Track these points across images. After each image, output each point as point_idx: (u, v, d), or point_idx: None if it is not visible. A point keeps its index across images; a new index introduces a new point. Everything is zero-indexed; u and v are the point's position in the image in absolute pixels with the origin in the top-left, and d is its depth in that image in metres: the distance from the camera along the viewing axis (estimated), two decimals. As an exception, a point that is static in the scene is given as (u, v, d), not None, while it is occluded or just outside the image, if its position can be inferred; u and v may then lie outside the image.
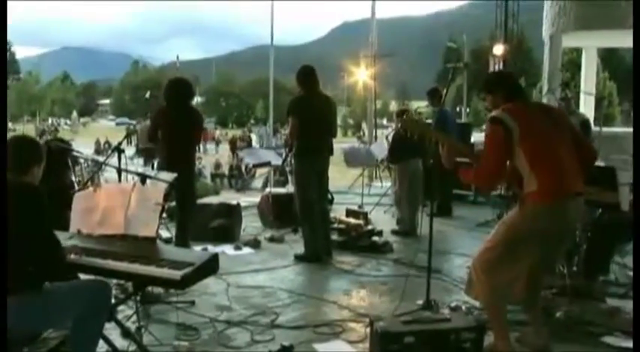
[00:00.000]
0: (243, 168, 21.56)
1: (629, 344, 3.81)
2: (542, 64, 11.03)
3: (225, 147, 32.75)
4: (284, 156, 7.29)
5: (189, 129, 5.31)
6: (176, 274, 2.74)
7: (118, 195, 3.40)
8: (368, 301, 4.73)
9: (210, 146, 37.85)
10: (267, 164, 8.36)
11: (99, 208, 3.38)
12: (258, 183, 19.24)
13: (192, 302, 4.42)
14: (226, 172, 22.42)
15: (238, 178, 21.44)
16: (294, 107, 5.71)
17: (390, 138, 7.69)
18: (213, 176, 22.03)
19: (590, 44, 11.71)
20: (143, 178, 3.96)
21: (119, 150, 4.67)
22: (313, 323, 4.10)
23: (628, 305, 4.63)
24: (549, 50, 10.54)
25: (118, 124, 63.25)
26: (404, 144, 7.25)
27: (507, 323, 3.52)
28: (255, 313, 4.27)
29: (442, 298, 4.63)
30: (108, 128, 55.62)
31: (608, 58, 37.62)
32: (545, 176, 3.18)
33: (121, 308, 3.97)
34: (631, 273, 5.42)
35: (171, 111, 5.28)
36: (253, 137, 38.52)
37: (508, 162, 3.34)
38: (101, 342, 3.10)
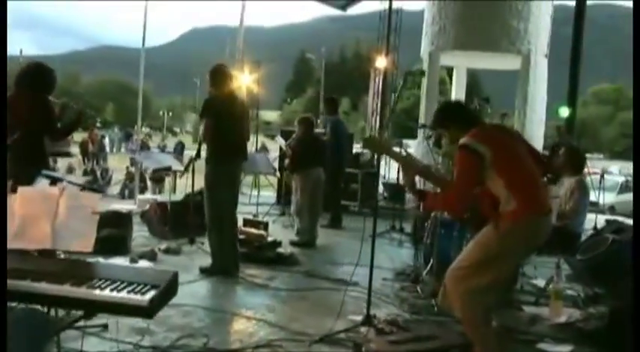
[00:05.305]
0: (98, 174, 20.24)
1: (561, 349, 4.03)
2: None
3: (74, 151, 30.36)
4: (189, 160, 6.70)
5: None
6: (142, 300, 2.25)
7: (40, 201, 2.81)
8: (297, 318, 4.40)
9: (55, 149, 35.05)
10: (168, 169, 7.72)
11: (14, 217, 2.77)
12: (114, 189, 18.24)
13: (105, 326, 3.82)
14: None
15: (93, 184, 19.98)
16: (209, 108, 5.27)
17: (290, 146, 7.43)
18: (67, 181, 20.37)
19: (463, 64, 12.37)
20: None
21: None
22: (250, 344, 3.74)
23: (543, 311, 4.81)
24: (428, 67, 10.92)
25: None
26: (306, 152, 7.08)
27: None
28: (181, 336, 3.80)
29: (371, 311, 4.44)
30: None
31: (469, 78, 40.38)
32: (524, 194, 3.20)
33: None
34: (534, 282, 5.70)
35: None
36: (106, 141, 36.30)
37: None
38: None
